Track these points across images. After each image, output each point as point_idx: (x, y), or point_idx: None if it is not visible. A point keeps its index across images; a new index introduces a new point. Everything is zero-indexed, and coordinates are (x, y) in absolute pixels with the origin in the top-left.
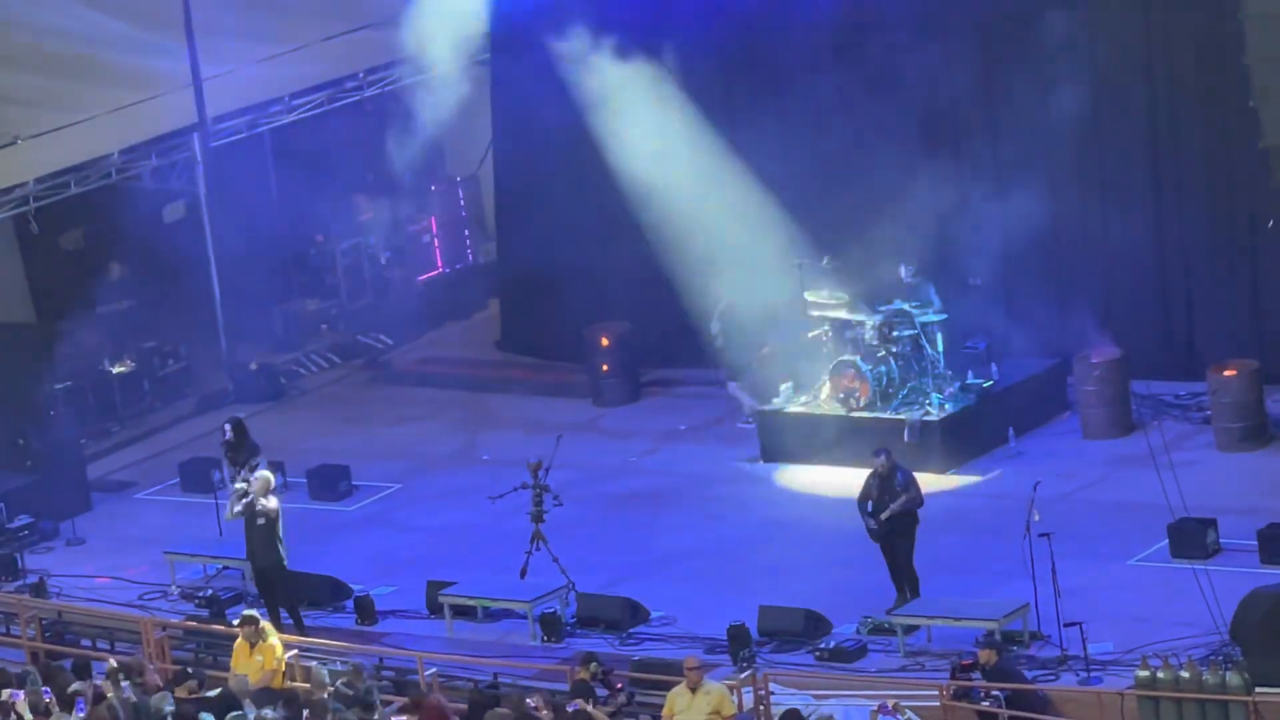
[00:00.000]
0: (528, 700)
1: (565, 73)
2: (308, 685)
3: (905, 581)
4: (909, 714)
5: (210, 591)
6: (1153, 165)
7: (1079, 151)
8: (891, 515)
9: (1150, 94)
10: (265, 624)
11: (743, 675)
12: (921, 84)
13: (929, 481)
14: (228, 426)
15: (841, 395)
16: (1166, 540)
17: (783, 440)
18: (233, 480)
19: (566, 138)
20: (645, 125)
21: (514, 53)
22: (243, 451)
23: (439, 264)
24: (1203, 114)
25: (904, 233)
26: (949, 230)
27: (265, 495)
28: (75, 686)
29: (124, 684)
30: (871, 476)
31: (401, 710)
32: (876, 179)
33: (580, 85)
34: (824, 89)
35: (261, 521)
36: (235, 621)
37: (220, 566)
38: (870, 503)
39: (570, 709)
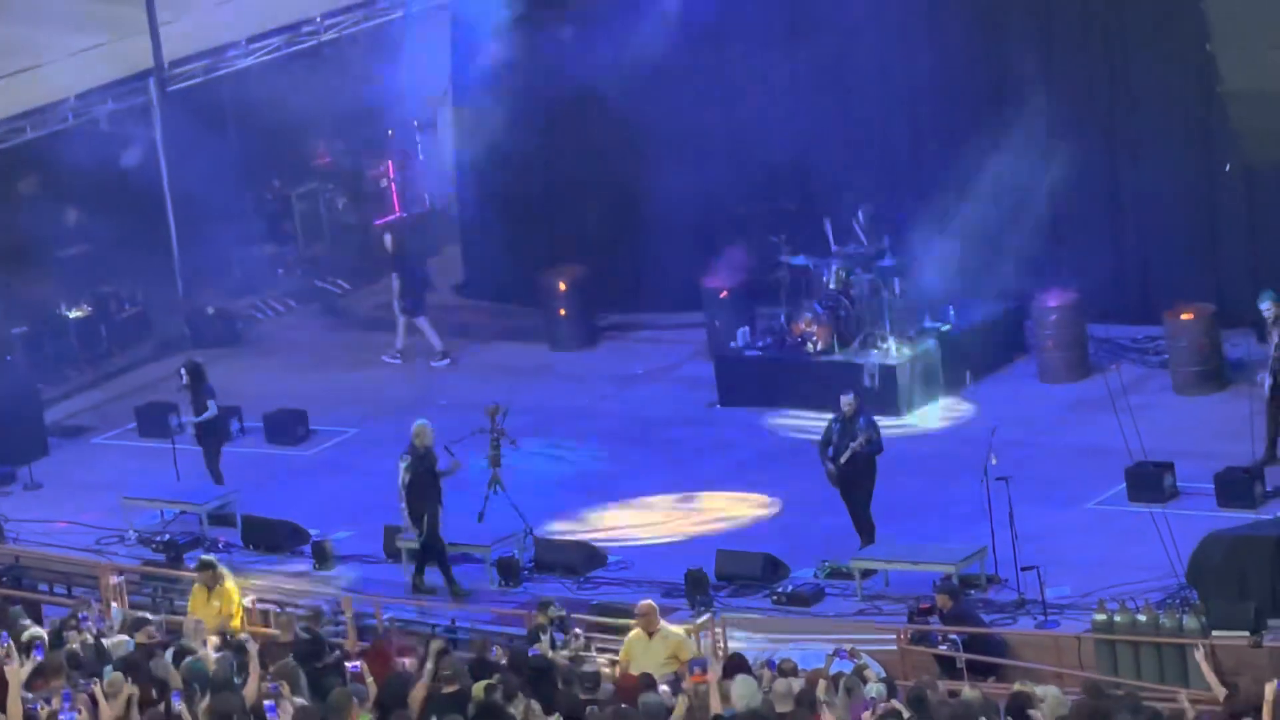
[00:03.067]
0: (490, 647)
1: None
2: (273, 630)
3: (861, 528)
4: (865, 658)
5: (168, 536)
6: (1110, 109)
7: (1036, 96)
8: (851, 458)
9: (1107, 37)
10: (223, 569)
11: (700, 619)
12: (872, 35)
13: (886, 426)
14: (183, 370)
15: (800, 339)
16: (1124, 484)
17: (741, 384)
18: (191, 425)
19: (527, 81)
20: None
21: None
22: (200, 395)
23: (396, 209)
24: (1161, 57)
25: (861, 179)
26: (906, 176)
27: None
28: (33, 631)
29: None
30: (834, 420)
31: (361, 655)
32: (832, 127)
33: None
34: (766, 45)
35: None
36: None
37: (178, 511)
38: (831, 447)
39: (532, 653)
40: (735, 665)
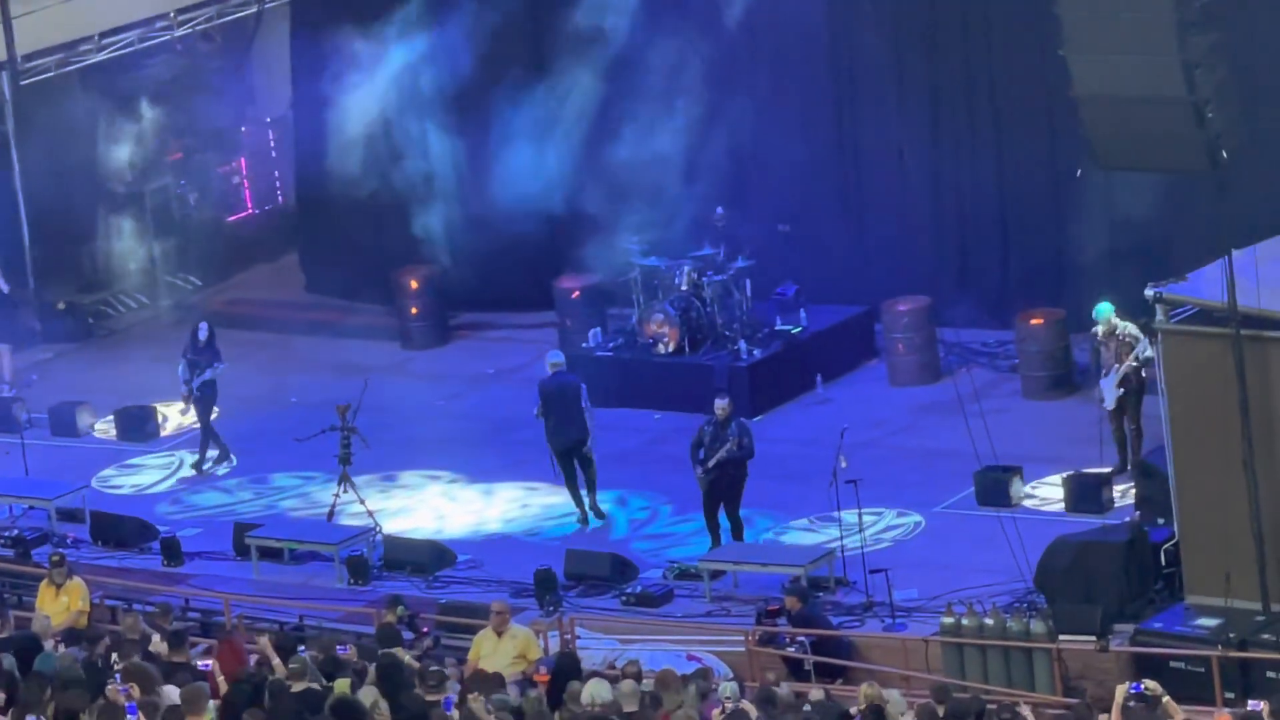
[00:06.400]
0: (338, 646)
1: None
2: (118, 626)
3: (715, 530)
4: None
5: (16, 531)
6: (964, 113)
7: (888, 99)
8: (719, 462)
9: (961, 41)
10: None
11: (549, 619)
12: (727, 36)
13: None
14: (204, 325)
15: (651, 340)
16: (972, 488)
17: (592, 384)
18: (195, 386)
19: (368, 75)
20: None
21: None
22: (207, 355)
23: (248, 205)
24: (1015, 61)
25: (713, 180)
26: (756, 175)
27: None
28: None
29: None
30: (708, 423)
31: (208, 652)
32: (685, 127)
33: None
34: (611, 32)
35: (572, 394)
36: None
37: (26, 506)
38: (701, 449)
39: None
40: (566, 665)
